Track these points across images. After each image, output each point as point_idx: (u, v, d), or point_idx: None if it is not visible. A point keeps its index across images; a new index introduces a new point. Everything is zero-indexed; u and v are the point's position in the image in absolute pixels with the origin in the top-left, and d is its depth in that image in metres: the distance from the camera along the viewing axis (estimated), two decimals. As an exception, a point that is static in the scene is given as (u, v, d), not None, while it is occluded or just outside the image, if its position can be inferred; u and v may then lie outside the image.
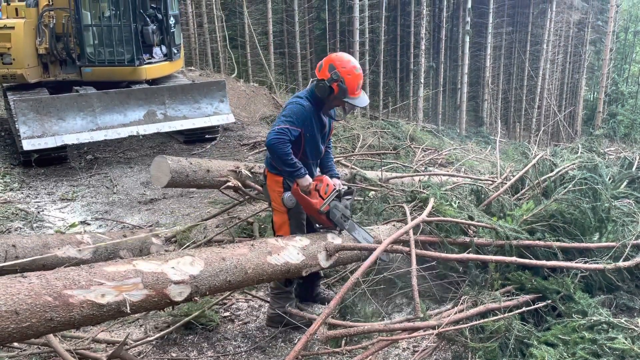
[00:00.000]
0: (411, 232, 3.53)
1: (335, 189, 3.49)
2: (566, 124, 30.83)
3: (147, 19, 8.66)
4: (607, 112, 26.52)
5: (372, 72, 24.88)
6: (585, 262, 3.45)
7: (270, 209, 3.81)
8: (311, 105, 3.40)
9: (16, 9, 8.40)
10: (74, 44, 8.25)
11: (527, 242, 3.57)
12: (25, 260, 3.67)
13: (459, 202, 4.11)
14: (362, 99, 3.42)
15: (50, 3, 8.22)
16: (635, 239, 3.55)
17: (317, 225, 3.67)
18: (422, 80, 25.58)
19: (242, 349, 3.45)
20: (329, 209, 3.45)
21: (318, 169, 3.71)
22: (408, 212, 3.97)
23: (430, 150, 9.38)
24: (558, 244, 3.50)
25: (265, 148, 3.65)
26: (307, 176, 3.40)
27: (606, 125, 24.79)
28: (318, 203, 3.43)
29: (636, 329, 2.73)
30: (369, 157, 7.74)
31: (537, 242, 3.55)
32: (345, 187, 3.62)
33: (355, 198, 4.43)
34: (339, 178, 3.71)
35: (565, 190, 3.76)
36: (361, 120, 14.79)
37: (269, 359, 3.35)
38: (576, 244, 3.56)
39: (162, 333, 3.49)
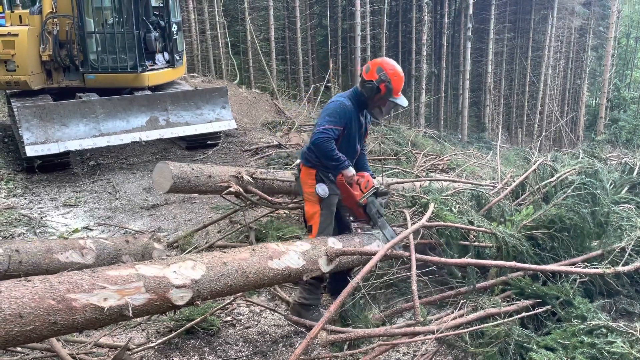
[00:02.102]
0: (411, 237, 3.56)
1: (374, 186, 3.75)
2: (568, 129, 30.83)
3: (150, 26, 8.73)
4: (609, 117, 26.52)
5: (373, 78, 24.88)
6: (585, 267, 3.47)
7: (297, 201, 4.28)
8: (353, 106, 3.65)
9: (20, 17, 8.48)
10: (77, 51, 8.31)
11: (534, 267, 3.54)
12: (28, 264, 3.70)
13: (459, 208, 4.13)
14: (404, 99, 3.69)
15: (54, 10, 8.29)
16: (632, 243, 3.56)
17: (351, 219, 3.96)
18: (424, 86, 25.64)
19: (243, 354, 3.47)
20: (367, 202, 3.72)
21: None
22: (408, 217, 3.99)
23: (431, 156, 9.40)
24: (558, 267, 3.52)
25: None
26: (351, 167, 3.67)
27: (608, 130, 24.79)
28: (358, 195, 3.72)
29: (635, 333, 2.74)
30: (370, 162, 7.76)
31: (545, 267, 3.51)
32: (382, 187, 3.91)
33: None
34: (374, 178, 3.95)
35: (565, 195, 3.78)
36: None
37: (270, 363, 3.37)
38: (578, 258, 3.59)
39: (164, 338, 3.51)
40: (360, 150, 3.90)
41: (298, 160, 3.95)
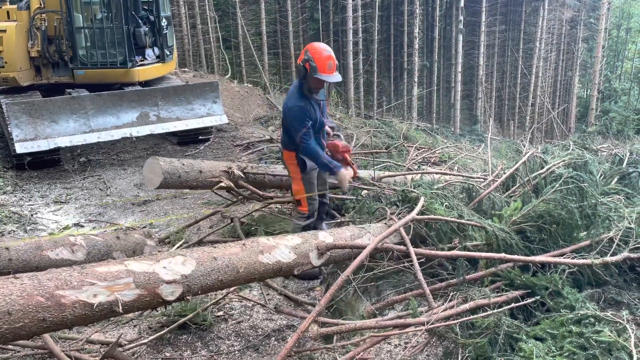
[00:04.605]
0: (402, 229, 3.58)
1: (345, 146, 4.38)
2: (560, 121, 30.98)
3: (139, 21, 8.66)
4: (600, 109, 26.64)
5: (365, 71, 24.95)
6: (574, 258, 3.50)
7: (290, 195, 4.93)
8: (305, 98, 4.07)
9: (7, 12, 8.38)
10: (66, 47, 8.24)
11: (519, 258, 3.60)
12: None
13: (448, 202, 4.14)
14: (334, 76, 4.03)
15: (42, 6, 8.21)
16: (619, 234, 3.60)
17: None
18: (416, 79, 25.66)
19: (235, 348, 3.47)
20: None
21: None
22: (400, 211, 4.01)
23: (423, 149, 9.41)
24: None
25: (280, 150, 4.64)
26: (342, 169, 4.17)
27: (599, 122, 24.91)
28: (355, 172, 4.35)
29: (622, 322, 2.77)
30: (363, 156, 7.77)
31: (534, 258, 3.56)
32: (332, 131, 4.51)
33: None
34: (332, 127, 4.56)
35: (553, 190, 3.80)
36: (355, 119, 14.84)
37: (262, 357, 3.38)
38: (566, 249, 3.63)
39: (156, 334, 3.51)
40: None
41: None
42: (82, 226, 5.89)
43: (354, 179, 4.46)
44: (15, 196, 6.79)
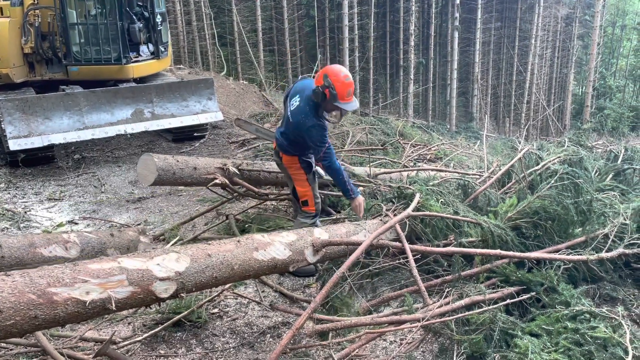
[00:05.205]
0: (397, 226, 3.57)
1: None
2: (555, 118, 31.06)
3: (134, 17, 8.60)
4: (595, 106, 26.75)
5: (361, 68, 24.93)
6: (569, 254, 3.50)
7: (285, 193, 5.08)
8: (320, 117, 4.02)
9: (1, 8, 8.31)
10: (60, 43, 8.18)
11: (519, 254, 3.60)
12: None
13: (444, 199, 4.14)
14: (352, 104, 3.97)
15: (36, 2, 8.13)
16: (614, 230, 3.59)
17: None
18: (412, 77, 25.65)
19: (230, 345, 3.46)
20: None
21: None
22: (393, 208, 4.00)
23: (419, 146, 9.40)
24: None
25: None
26: (359, 196, 4.19)
27: (594, 119, 25.00)
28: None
29: (617, 318, 2.77)
30: (358, 153, 7.75)
31: (529, 254, 3.57)
32: None
33: None
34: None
35: (549, 186, 3.80)
36: (351, 117, 14.79)
37: (257, 354, 3.36)
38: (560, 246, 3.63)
39: (151, 332, 3.49)
40: None
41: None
42: (76, 223, 5.85)
43: None
44: (9, 193, 6.74)
